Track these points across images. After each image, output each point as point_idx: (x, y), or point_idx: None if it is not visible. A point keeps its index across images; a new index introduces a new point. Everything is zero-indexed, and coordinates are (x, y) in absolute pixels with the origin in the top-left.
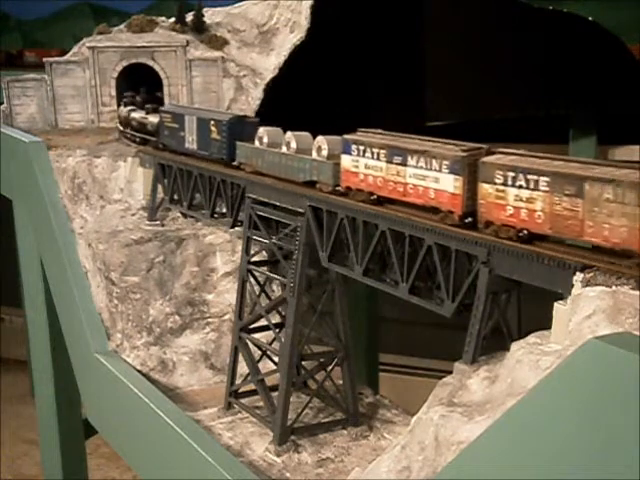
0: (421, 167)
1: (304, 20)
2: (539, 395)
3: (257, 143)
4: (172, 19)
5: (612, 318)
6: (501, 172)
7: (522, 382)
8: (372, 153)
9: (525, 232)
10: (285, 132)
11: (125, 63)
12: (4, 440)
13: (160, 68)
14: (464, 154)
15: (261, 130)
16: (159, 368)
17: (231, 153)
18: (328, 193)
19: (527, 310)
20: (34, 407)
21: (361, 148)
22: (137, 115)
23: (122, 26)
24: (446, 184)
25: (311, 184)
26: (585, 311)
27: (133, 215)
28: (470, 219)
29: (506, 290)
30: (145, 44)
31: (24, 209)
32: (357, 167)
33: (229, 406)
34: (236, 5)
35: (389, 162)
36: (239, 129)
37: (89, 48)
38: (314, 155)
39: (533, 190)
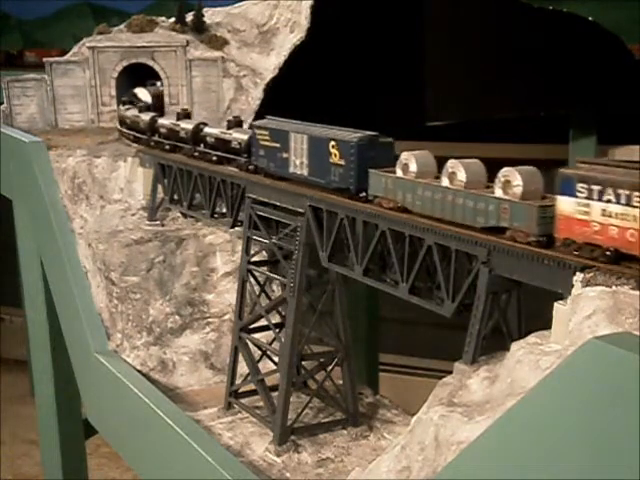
0: None
1: (304, 20)
2: (539, 395)
3: (399, 172)
4: (172, 19)
5: (612, 318)
6: None
7: (522, 382)
8: (617, 195)
9: None
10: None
11: (125, 63)
12: (4, 440)
13: (160, 68)
14: None
15: (406, 155)
16: (159, 368)
17: (361, 183)
18: (527, 244)
19: (527, 310)
20: (34, 407)
21: (595, 188)
22: (215, 130)
23: (122, 26)
24: None
25: (494, 230)
26: (585, 311)
27: (133, 215)
28: None
29: (506, 290)
30: (145, 44)
31: (24, 209)
32: (587, 213)
33: (229, 406)
34: (236, 5)
35: None
36: (371, 152)
37: (89, 48)
38: (498, 192)
39: None
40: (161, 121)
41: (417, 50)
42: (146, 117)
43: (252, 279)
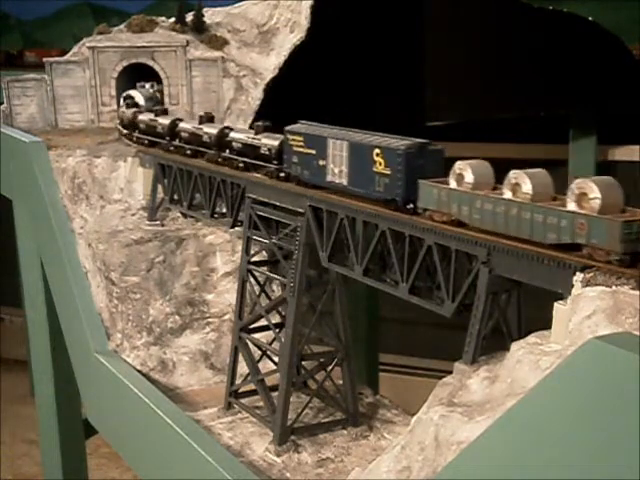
0: None
1: (304, 20)
2: (539, 395)
3: (453, 183)
4: (172, 19)
5: (612, 318)
6: None
7: (522, 382)
8: None
9: None
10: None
11: (125, 63)
12: (4, 440)
13: (160, 68)
14: None
15: (460, 164)
16: (159, 368)
17: (409, 194)
18: (606, 263)
19: (527, 310)
20: (34, 407)
21: None
22: (242, 135)
23: (122, 26)
24: None
25: (568, 247)
26: (585, 311)
27: (133, 215)
28: None
29: (506, 290)
30: (145, 44)
31: (24, 209)
32: None
33: (229, 406)
34: (236, 5)
35: None
36: (420, 161)
37: (89, 48)
38: (571, 206)
39: None
40: (182, 125)
41: (417, 50)
42: (165, 121)
43: (252, 279)
